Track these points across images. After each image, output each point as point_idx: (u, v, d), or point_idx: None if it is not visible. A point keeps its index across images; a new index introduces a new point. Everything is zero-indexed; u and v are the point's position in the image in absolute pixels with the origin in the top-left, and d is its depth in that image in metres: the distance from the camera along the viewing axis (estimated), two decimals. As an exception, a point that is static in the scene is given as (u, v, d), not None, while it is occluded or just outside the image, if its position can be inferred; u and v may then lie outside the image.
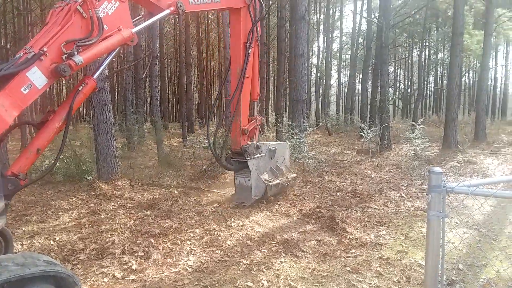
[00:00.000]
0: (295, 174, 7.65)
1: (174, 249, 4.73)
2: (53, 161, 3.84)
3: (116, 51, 4.03)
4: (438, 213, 2.11)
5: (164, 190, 8.04)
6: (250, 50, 6.46)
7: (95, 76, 3.86)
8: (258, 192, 6.70)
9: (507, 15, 21.02)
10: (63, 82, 31.89)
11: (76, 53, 3.40)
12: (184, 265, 4.31)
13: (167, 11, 4.54)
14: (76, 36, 3.46)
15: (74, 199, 7.21)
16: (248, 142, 6.83)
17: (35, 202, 7.13)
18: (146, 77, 21.61)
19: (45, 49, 3.23)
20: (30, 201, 7.19)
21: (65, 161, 9.12)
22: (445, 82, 34.47)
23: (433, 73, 38.77)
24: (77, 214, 6.38)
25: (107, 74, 8.70)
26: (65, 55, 3.34)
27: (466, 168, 9.95)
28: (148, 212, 6.35)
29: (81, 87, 3.72)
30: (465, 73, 36.83)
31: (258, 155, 6.81)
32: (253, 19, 6.47)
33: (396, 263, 4.28)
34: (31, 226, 5.79)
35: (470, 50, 20.64)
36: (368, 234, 5.24)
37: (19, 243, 5.02)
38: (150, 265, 4.31)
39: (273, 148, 7.09)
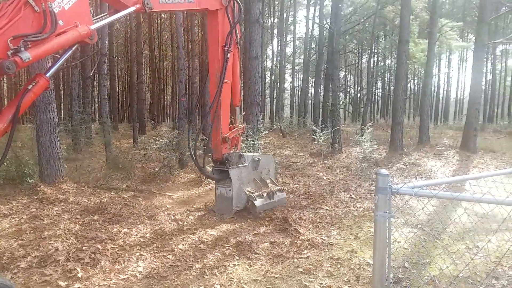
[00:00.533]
0: (280, 187, 7.19)
1: (123, 255, 4.54)
2: None
3: (73, 48, 3.77)
4: (385, 213, 2.18)
5: (112, 193, 7.74)
6: (229, 54, 6.21)
7: (48, 75, 3.55)
8: (239, 203, 6.42)
9: (450, 25, 22.51)
10: (4, 79, 29.85)
11: (23, 49, 3.12)
12: (133, 271, 4.15)
13: (132, 9, 4.28)
14: (26, 31, 3.18)
15: (14, 204, 6.73)
16: (231, 151, 6.57)
17: (-32, 208, 6.57)
18: (94, 75, 20.75)
19: None
20: (-38, 207, 6.62)
21: (5, 163, 8.49)
22: (392, 87, 36.19)
23: (381, 79, 40.63)
24: (17, 219, 5.96)
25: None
26: (11, 51, 3.05)
27: (411, 170, 10.48)
28: (95, 217, 6.05)
29: (31, 85, 3.40)
30: (411, 79, 38.96)
31: (240, 165, 6.58)
32: (231, 22, 6.25)
33: (346, 262, 4.40)
34: (-38, 234, 5.32)
35: (415, 58, 21.81)
36: (320, 234, 5.35)
37: (-51, 253, 4.60)
38: (97, 272, 4.10)
39: (257, 159, 6.86)
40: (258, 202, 6.38)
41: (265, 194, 6.60)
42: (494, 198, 1.84)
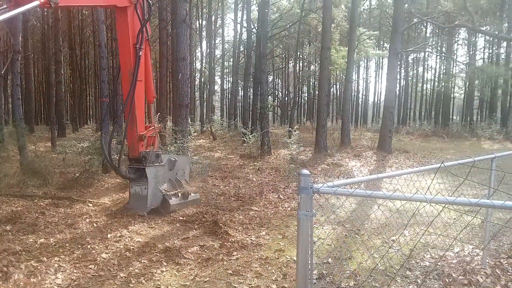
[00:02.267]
0: (194, 188, 7.39)
1: (39, 267, 4.21)
2: None
3: None
4: (307, 212, 2.27)
5: (28, 201, 7.11)
6: (140, 52, 6.20)
7: None
8: (154, 202, 6.45)
9: (367, 33, 24.14)
10: None
11: None
12: (51, 284, 3.86)
13: (36, 3, 4.09)
14: None
15: None
16: (147, 149, 6.57)
17: None
18: (7, 74, 18.92)
19: None
20: None
21: None
22: (316, 92, 37.90)
23: (306, 83, 42.35)
24: None
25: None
26: None
27: (334, 170, 11.07)
28: (8, 227, 5.53)
29: None
30: (333, 84, 41.05)
31: (157, 164, 6.59)
32: (141, 19, 6.21)
33: (274, 262, 4.52)
34: None
35: (337, 64, 23.01)
36: (249, 236, 5.43)
37: None
38: (10, 286, 3.75)
39: (174, 159, 6.96)
40: (172, 200, 6.52)
41: (180, 194, 6.74)
42: (403, 195, 2.02)
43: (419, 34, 38.68)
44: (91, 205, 7.10)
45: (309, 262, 2.41)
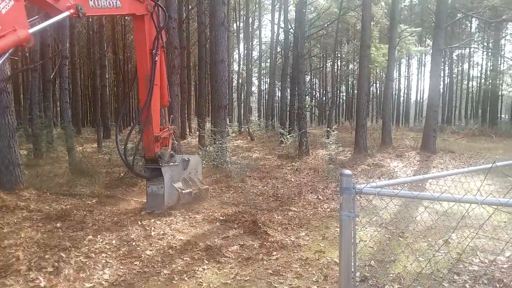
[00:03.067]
0: (207, 186, 7.80)
1: (87, 263, 4.42)
2: None
3: (9, 52, 3.71)
4: (349, 213, 2.25)
5: (76, 200, 7.48)
6: (156, 57, 6.51)
7: None
8: (171, 200, 6.72)
9: (408, 30, 23.37)
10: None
11: None
12: (99, 279, 4.04)
13: (66, 13, 4.39)
14: None
15: (-32, 214, 6.38)
16: (162, 150, 6.86)
17: None
18: (55, 78, 20.01)
19: None
20: None
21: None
22: (355, 91, 37.19)
23: (345, 83, 41.64)
24: (-28, 230, 5.64)
25: (9, 74, 7.88)
26: None
27: (375, 170, 10.81)
28: (58, 224, 5.84)
29: None
30: (373, 83, 40.16)
31: (172, 163, 6.86)
32: (157, 27, 6.51)
33: (314, 263, 4.48)
34: None
35: (377, 62, 22.46)
36: (289, 236, 5.42)
37: None
38: (61, 281, 3.96)
39: (187, 159, 7.26)
40: (185, 197, 6.88)
41: (194, 192, 7.12)
42: (452, 196, 1.95)
43: (463, 29, 36.98)
44: (135, 203, 7.37)
45: (352, 264, 2.37)
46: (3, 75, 7.54)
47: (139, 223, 5.97)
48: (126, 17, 29.39)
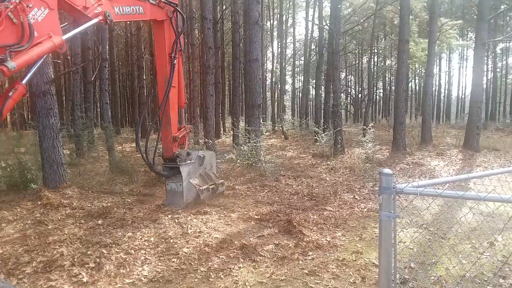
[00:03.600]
0: (222, 180, 8.00)
1: (127, 259, 4.54)
2: None
3: (44, 57, 3.91)
4: (389, 213, 2.17)
5: (116, 197, 7.74)
6: (175, 60, 6.78)
7: (24, 82, 3.75)
8: (189, 197, 6.98)
9: (449, 23, 22.45)
10: None
11: (9, 58, 3.34)
12: (138, 275, 4.15)
13: (95, 20, 4.63)
14: (6, 42, 3.39)
15: (18, 209, 6.73)
16: (179, 149, 7.12)
17: (-28, 214, 6.59)
18: (96, 80, 20.81)
19: None
20: (-33, 214, 6.63)
21: (8, 169, 8.52)
22: (393, 87, 36.19)
23: (381, 79, 40.61)
24: (22, 225, 5.95)
25: (53, 77, 8.25)
26: None
27: (415, 169, 10.45)
28: (99, 221, 6.06)
29: (11, 92, 3.62)
30: (412, 79, 38.91)
31: (188, 161, 7.13)
32: (176, 31, 6.76)
33: (351, 263, 4.39)
34: (-32, 240, 5.33)
35: (416, 57, 21.77)
36: (324, 236, 5.34)
37: (-45, 259, 4.60)
38: (102, 276, 4.10)
39: (202, 156, 7.53)
40: (204, 193, 7.11)
41: (211, 187, 7.36)
42: (499, 196, 1.83)
43: (507, 22, 35.02)
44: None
45: (392, 265, 2.29)
46: (47, 77, 7.91)
47: (176, 221, 6.08)
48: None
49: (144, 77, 25.72)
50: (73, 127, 15.43)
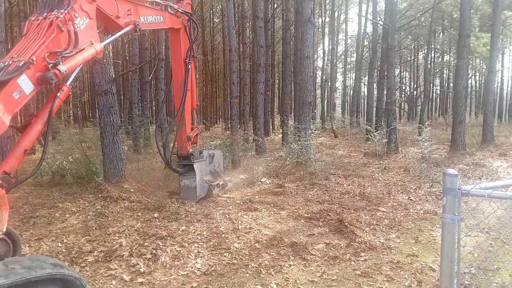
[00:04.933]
0: (228, 177, 8.75)
1: (181, 252, 4.71)
2: (39, 163, 4.19)
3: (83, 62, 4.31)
4: (454, 216, 2.07)
5: (171, 192, 8.02)
6: (189, 65, 7.27)
7: (68, 83, 4.08)
8: (202, 192, 7.43)
9: (514, 17, 20.88)
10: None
11: (61, 63, 3.69)
12: (192, 267, 4.29)
13: (127, 28, 5.11)
14: (56, 48, 3.73)
15: (81, 201, 7.20)
16: (191, 147, 7.65)
17: (42, 204, 7.14)
18: (152, 80, 21.67)
19: (34, 58, 3.46)
20: (37, 203, 7.20)
21: (75, 163, 9.16)
22: (451, 84, 34.29)
23: (439, 75, 38.59)
24: (84, 216, 6.36)
25: (113, 77, 8.72)
26: (51, 64, 3.61)
27: (475, 170, 9.84)
28: (155, 215, 6.33)
29: (59, 93, 3.97)
30: (472, 75, 36.65)
31: (201, 159, 7.63)
32: (190, 38, 7.25)
33: (407, 266, 4.23)
34: (38, 228, 5.79)
35: (477, 53, 20.49)
36: (378, 237, 5.19)
37: (27, 245, 5.01)
38: (158, 267, 4.28)
39: (212, 154, 8.10)
40: (215, 190, 7.67)
41: (221, 183, 7.94)
42: None
43: None
44: (223, 198, 7.67)
45: (455, 271, 2.18)
46: (108, 77, 8.36)
47: (227, 216, 6.20)
48: (216, 19, 30.70)
49: (197, 76, 26.36)
50: (131, 125, 16.21)
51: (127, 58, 19.21)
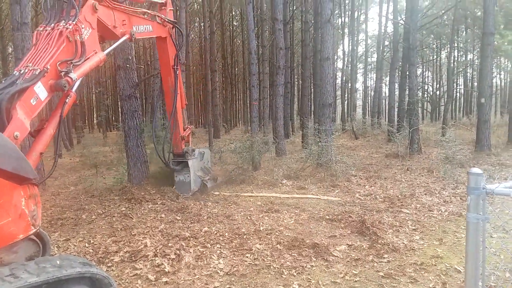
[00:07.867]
0: (221, 179, 9.34)
1: (204, 252, 4.78)
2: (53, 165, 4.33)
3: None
4: (478, 215, 2.05)
5: (192, 194, 8.14)
6: (178, 71, 7.71)
7: (74, 90, 4.22)
8: (195, 186, 8.17)
9: (542, 13, 20.21)
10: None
11: (72, 71, 3.91)
12: (215, 268, 4.35)
13: (124, 38, 5.44)
14: (66, 57, 3.95)
15: (106, 203, 7.40)
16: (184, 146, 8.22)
17: (69, 206, 7.37)
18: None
19: (48, 66, 3.67)
20: (64, 205, 7.44)
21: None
22: (475, 83, 33.43)
23: (462, 74, 37.71)
24: (110, 217, 6.53)
25: (137, 81, 8.92)
26: (63, 72, 3.82)
27: (501, 171, 9.58)
28: (178, 216, 6.44)
29: (67, 99, 4.13)
30: (496, 74, 35.64)
31: (193, 157, 8.29)
32: (176, 45, 7.65)
33: (431, 268, 4.17)
34: (66, 229, 5.99)
35: (502, 51, 19.91)
36: (401, 239, 5.13)
37: (56, 245, 5.20)
38: (182, 267, 4.37)
39: (203, 152, 8.81)
40: (209, 184, 8.47)
41: (212, 178, 8.72)
42: None
43: None
44: (244, 199, 7.72)
45: (480, 272, 2.16)
46: (132, 82, 8.58)
47: (249, 218, 6.25)
48: (235, 22, 30.88)
49: (217, 80, 26.63)
50: (152, 128, 16.46)
51: (149, 63, 19.53)
